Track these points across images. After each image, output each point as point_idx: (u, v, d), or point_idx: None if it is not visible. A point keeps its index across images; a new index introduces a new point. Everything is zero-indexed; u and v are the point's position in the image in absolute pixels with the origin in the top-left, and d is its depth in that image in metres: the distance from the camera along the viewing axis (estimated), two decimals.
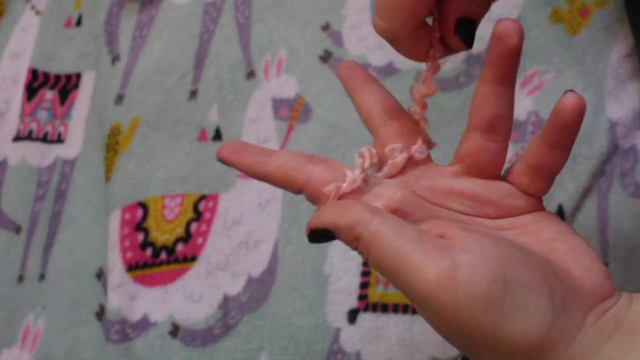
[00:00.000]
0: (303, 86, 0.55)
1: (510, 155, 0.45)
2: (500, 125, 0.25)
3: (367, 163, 0.26)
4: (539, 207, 0.26)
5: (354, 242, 0.23)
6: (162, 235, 0.56)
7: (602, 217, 0.43)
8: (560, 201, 0.43)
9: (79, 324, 0.57)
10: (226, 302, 0.51)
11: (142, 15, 0.67)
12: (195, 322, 0.51)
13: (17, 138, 0.70)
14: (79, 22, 0.72)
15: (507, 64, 0.23)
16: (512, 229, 0.25)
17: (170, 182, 0.57)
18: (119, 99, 0.64)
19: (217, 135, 0.57)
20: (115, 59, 0.66)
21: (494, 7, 0.51)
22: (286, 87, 0.56)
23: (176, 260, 0.54)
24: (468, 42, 0.24)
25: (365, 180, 0.25)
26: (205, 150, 0.57)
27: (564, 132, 0.23)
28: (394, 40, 0.24)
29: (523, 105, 0.47)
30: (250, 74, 0.58)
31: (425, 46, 0.25)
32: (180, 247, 0.55)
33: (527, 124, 0.46)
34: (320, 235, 0.24)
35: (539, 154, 0.24)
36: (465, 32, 0.24)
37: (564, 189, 0.43)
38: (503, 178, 0.26)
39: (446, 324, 0.21)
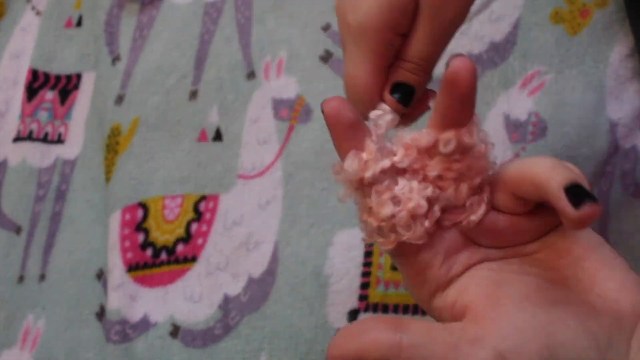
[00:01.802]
0: (303, 87, 0.55)
1: (509, 155, 0.45)
2: None
3: (382, 129, 0.24)
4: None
5: None
6: (162, 235, 0.56)
7: (602, 217, 0.42)
8: None
9: (79, 324, 0.57)
10: (226, 303, 0.51)
11: (142, 15, 0.67)
12: (196, 323, 0.51)
13: (18, 138, 0.70)
14: (79, 23, 0.72)
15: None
16: (542, 250, 0.24)
17: (170, 182, 0.57)
18: (119, 99, 0.64)
19: (218, 136, 0.57)
20: (115, 59, 0.66)
21: (495, 7, 0.51)
22: (286, 87, 0.56)
23: (176, 261, 0.54)
24: (403, 102, 0.25)
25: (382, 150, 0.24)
26: (205, 150, 0.57)
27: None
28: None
29: (523, 106, 0.46)
30: (251, 75, 0.58)
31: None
32: (180, 248, 0.55)
33: (528, 124, 0.46)
34: None
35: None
36: (400, 94, 0.25)
37: None
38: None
39: None
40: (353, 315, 0.47)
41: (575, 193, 0.20)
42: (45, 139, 0.68)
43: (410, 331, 0.20)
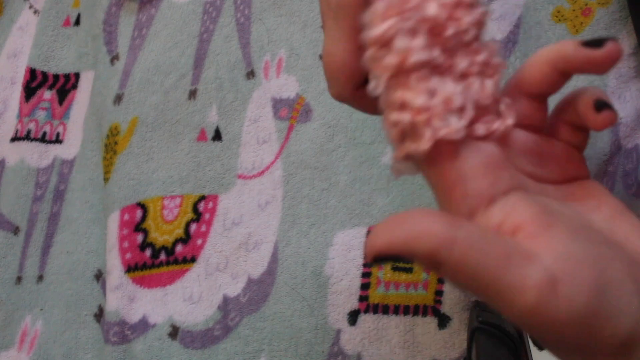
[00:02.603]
0: (303, 86, 0.55)
1: None
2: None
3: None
4: (589, 173, 0.25)
5: (434, 267, 0.19)
6: (161, 236, 0.55)
7: None
8: None
9: (77, 325, 0.57)
10: (226, 304, 0.51)
11: (141, 14, 0.67)
12: (195, 324, 0.51)
13: (15, 138, 0.69)
14: (77, 22, 0.72)
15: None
16: (576, 201, 0.24)
17: (169, 182, 0.57)
18: (118, 99, 0.63)
19: (217, 136, 0.57)
20: (114, 58, 0.66)
21: (496, 6, 0.51)
22: (286, 87, 0.56)
23: (175, 262, 0.54)
24: None
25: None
26: (204, 150, 0.57)
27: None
28: (344, 100, 0.27)
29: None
30: (250, 74, 0.58)
31: (369, 103, 0.26)
32: (179, 248, 0.54)
33: None
34: (387, 259, 0.20)
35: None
36: None
37: None
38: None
39: (544, 335, 0.20)
40: (353, 316, 0.46)
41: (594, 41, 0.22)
42: (43, 139, 0.68)
43: (465, 229, 0.19)
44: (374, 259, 0.19)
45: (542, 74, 0.24)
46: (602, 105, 0.23)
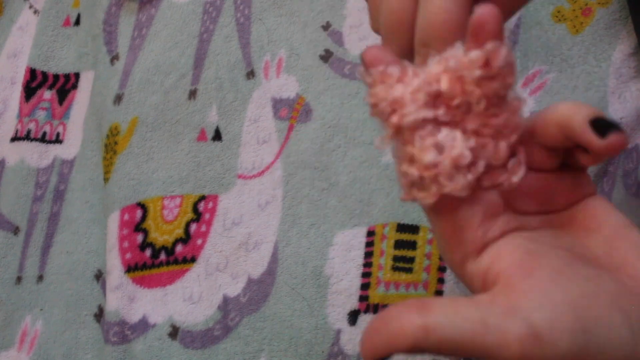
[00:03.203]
0: (303, 86, 0.55)
1: None
2: None
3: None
4: (595, 189, 0.25)
5: (420, 353, 0.21)
6: (161, 236, 0.55)
7: None
8: None
9: (77, 325, 0.57)
10: (226, 304, 0.51)
11: (141, 14, 0.67)
12: (195, 324, 0.51)
13: (15, 138, 0.69)
14: (77, 22, 0.72)
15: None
16: (574, 226, 0.24)
17: (169, 182, 0.57)
18: (118, 99, 0.63)
19: (217, 136, 0.57)
20: (113, 58, 0.66)
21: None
22: (286, 87, 0.56)
23: (175, 262, 0.54)
24: None
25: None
26: (204, 150, 0.57)
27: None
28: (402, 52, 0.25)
29: (525, 106, 0.46)
30: (250, 74, 0.58)
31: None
32: (179, 248, 0.54)
33: None
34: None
35: None
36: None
37: None
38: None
39: None
40: (353, 316, 0.46)
41: (600, 125, 0.21)
42: (43, 139, 0.68)
43: (434, 311, 0.20)
44: None
45: (551, 135, 0.23)
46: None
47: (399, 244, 0.47)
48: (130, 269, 0.55)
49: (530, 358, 0.19)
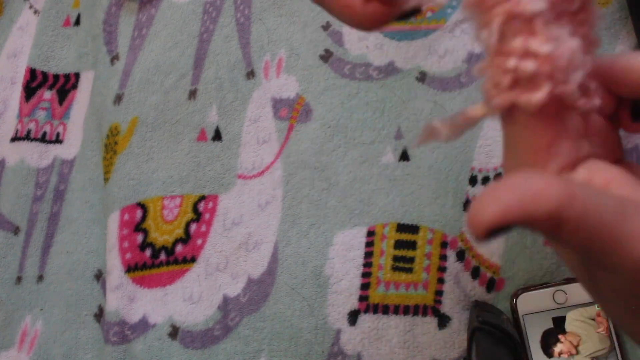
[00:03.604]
0: (303, 86, 0.55)
1: None
2: None
3: None
4: (624, 154, 0.24)
5: (553, 229, 0.17)
6: (161, 236, 0.55)
7: None
8: None
9: (77, 325, 0.57)
10: (226, 304, 0.51)
11: (141, 14, 0.67)
12: (195, 324, 0.51)
13: (15, 138, 0.69)
14: (77, 22, 0.72)
15: None
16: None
17: (169, 182, 0.57)
18: (118, 99, 0.63)
19: (217, 136, 0.57)
20: (114, 58, 0.66)
21: None
22: (286, 87, 0.56)
23: (175, 262, 0.54)
24: None
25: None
26: (204, 150, 0.57)
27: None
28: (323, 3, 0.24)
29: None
30: (250, 74, 0.58)
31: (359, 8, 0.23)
32: (179, 248, 0.54)
33: None
34: (501, 231, 0.18)
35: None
36: None
37: None
38: None
39: None
40: (353, 316, 0.46)
41: None
42: (43, 139, 0.68)
43: (579, 184, 0.18)
44: (487, 234, 0.17)
45: (632, 82, 0.22)
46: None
47: (399, 244, 0.47)
48: (130, 269, 0.55)
49: None
